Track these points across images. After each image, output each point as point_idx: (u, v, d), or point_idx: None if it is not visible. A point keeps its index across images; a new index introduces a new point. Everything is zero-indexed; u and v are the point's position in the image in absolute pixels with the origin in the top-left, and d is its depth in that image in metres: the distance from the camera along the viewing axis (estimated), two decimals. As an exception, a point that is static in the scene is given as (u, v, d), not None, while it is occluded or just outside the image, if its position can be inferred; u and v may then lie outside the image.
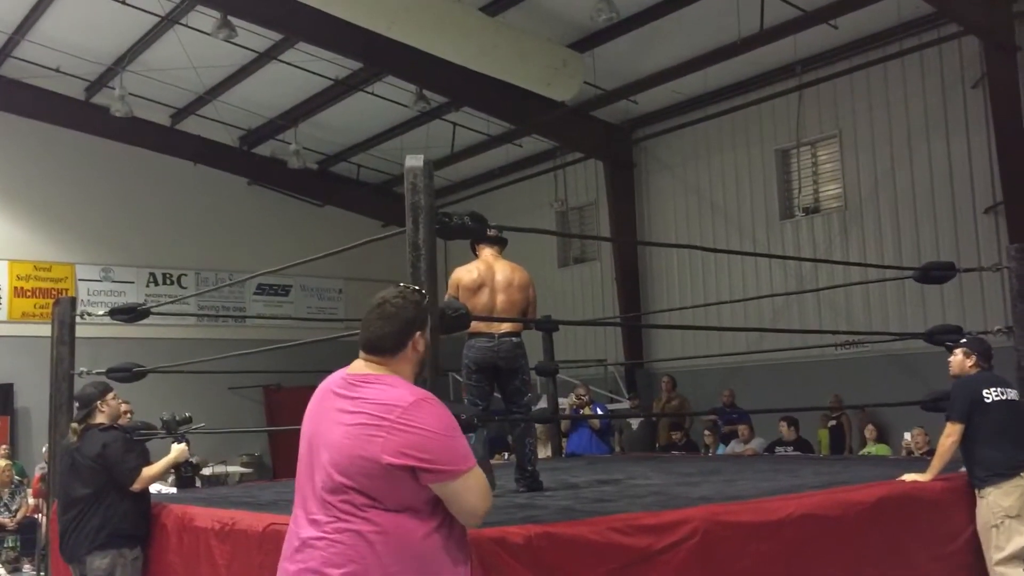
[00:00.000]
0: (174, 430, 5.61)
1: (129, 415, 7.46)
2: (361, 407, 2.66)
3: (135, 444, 5.26)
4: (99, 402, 5.18)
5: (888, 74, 12.56)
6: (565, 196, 16.75)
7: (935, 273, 6.27)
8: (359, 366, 2.80)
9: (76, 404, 5.22)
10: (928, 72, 12.22)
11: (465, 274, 5.37)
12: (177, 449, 5.49)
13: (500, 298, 5.35)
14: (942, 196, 12.14)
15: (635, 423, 13.00)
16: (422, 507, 2.65)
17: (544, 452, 9.13)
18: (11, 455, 13.45)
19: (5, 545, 11.11)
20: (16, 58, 14.68)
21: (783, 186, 14.08)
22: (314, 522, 2.66)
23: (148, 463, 5.15)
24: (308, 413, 2.83)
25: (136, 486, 4.99)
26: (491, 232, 5.32)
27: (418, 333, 2.80)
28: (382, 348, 2.77)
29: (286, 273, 17.69)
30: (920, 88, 12.31)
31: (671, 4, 12.04)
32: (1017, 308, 5.87)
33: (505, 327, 5.35)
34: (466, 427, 4.05)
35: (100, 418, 5.16)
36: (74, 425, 5.18)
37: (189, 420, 5.73)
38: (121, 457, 5.00)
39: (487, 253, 5.46)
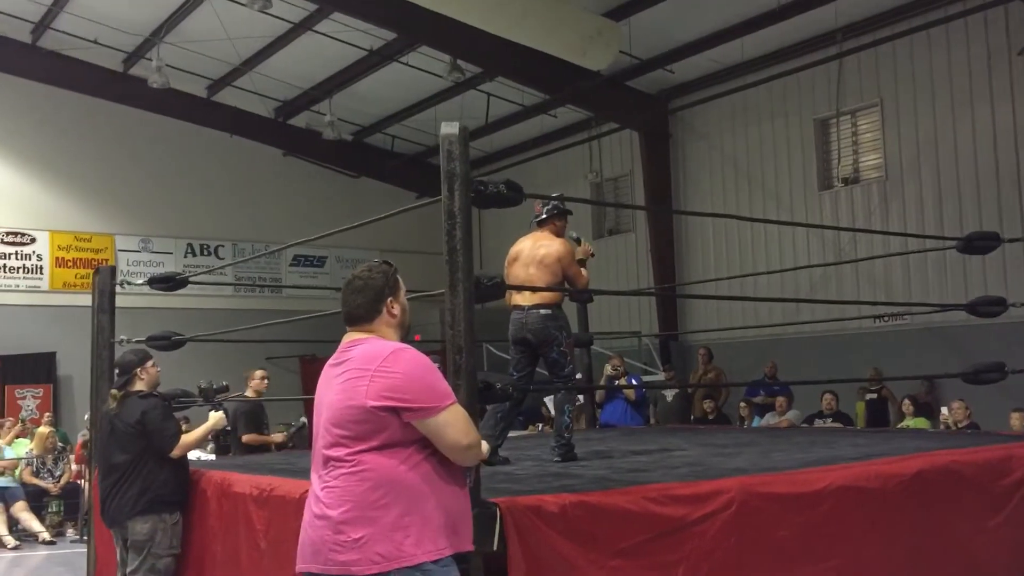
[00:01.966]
0: (211, 398, 5.67)
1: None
2: (348, 366, 2.96)
3: (172, 411, 5.32)
4: (139, 369, 5.23)
5: (932, 41, 12.27)
6: (600, 167, 16.63)
7: (978, 243, 6.14)
8: (347, 339, 3.09)
9: (116, 371, 5.28)
10: (973, 39, 11.92)
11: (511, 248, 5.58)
12: (215, 416, 5.55)
13: (528, 271, 5.45)
14: (986, 166, 11.88)
15: (670, 395, 12.95)
16: (409, 445, 2.88)
17: (578, 423, 9.13)
18: (54, 422, 13.72)
19: (49, 510, 11.36)
20: (55, 30, 14.82)
21: (822, 156, 13.86)
22: (320, 478, 2.94)
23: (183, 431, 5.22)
24: (317, 388, 3.11)
25: (175, 452, 5.05)
26: (538, 206, 5.55)
27: (390, 299, 3.10)
28: (359, 317, 3.08)
29: (321, 244, 17.81)
30: (964, 55, 12.02)
31: (709, -29, 11.86)
32: (1063, 279, 5.75)
33: (534, 299, 5.39)
34: (498, 396, 4.07)
35: (139, 385, 5.22)
36: (114, 391, 5.24)
37: (226, 388, 5.81)
38: (160, 424, 5.06)
39: (542, 230, 5.64)
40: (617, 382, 9.86)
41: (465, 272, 3.51)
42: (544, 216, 5.69)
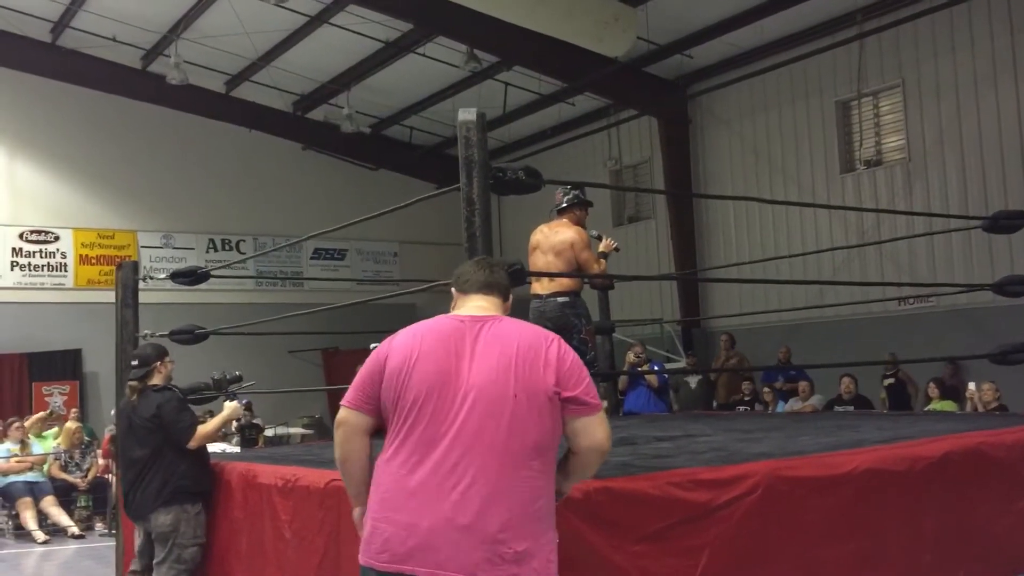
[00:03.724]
0: (224, 388, 5.72)
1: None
2: (507, 343, 2.75)
3: (187, 404, 5.36)
4: (158, 363, 5.28)
5: (954, 19, 12.11)
6: (619, 154, 16.56)
7: (1004, 222, 6.07)
8: (473, 308, 2.90)
9: (134, 363, 5.31)
10: (996, 16, 11.75)
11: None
12: (230, 406, 5.60)
13: (543, 260, 5.51)
14: (1011, 145, 11.72)
15: (693, 381, 12.91)
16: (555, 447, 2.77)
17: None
18: (81, 418, 13.86)
19: (78, 505, 11.48)
20: (74, 28, 14.92)
21: (843, 139, 13.74)
22: (459, 465, 2.65)
23: (201, 421, 5.25)
24: (427, 355, 2.77)
25: (192, 444, 5.08)
26: (559, 194, 5.63)
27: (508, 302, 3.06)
28: (499, 288, 2.97)
29: (342, 237, 17.86)
30: (987, 32, 11.85)
31: (726, -47, 11.76)
32: (1092, 257, 5.67)
33: (552, 287, 5.40)
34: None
35: (156, 379, 5.26)
36: (133, 383, 5.28)
37: (239, 379, 5.86)
38: (176, 416, 5.10)
39: (561, 218, 5.67)
40: (639, 369, 9.83)
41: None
42: (564, 205, 5.70)
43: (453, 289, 3.01)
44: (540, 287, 5.49)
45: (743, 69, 14.42)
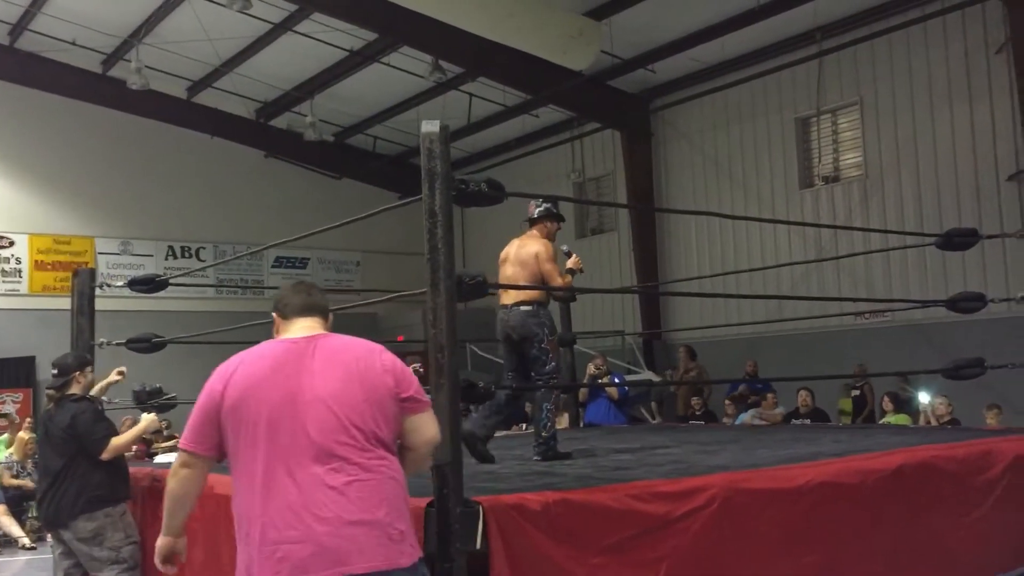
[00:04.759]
0: (145, 400, 5.77)
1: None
2: (343, 357, 2.91)
3: (104, 414, 5.41)
4: (78, 373, 5.30)
5: (910, 40, 12.36)
6: (582, 167, 16.66)
7: (957, 240, 6.18)
8: (304, 329, 3.02)
9: (54, 372, 5.30)
10: (951, 38, 12.01)
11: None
12: (147, 419, 5.64)
13: (511, 272, 5.58)
14: (964, 164, 11.97)
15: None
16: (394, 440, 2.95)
17: (562, 423, 9.13)
18: (35, 427, 13.58)
19: (29, 515, 11.25)
20: (33, 31, 14.71)
21: (803, 155, 13.94)
22: (331, 475, 2.75)
23: (116, 433, 5.28)
24: (267, 379, 2.86)
25: (105, 455, 5.10)
26: (531, 206, 5.68)
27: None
28: (324, 311, 3.13)
29: (304, 246, 17.75)
30: (943, 54, 12.11)
31: (689, -30, 11.90)
32: (1041, 275, 5.80)
33: (517, 297, 5.48)
34: (480, 396, 4.08)
35: (75, 389, 5.29)
36: (50, 392, 5.30)
37: (160, 391, 5.92)
38: (90, 427, 5.12)
39: (531, 230, 5.73)
40: (600, 381, 9.87)
41: (447, 270, 3.50)
42: (535, 216, 5.73)
43: (275, 315, 3.12)
44: (507, 298, 5.57)
45: (705, 84, 14.59)
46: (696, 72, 14.47)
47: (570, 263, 5.73)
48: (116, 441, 5.15)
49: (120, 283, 6.69)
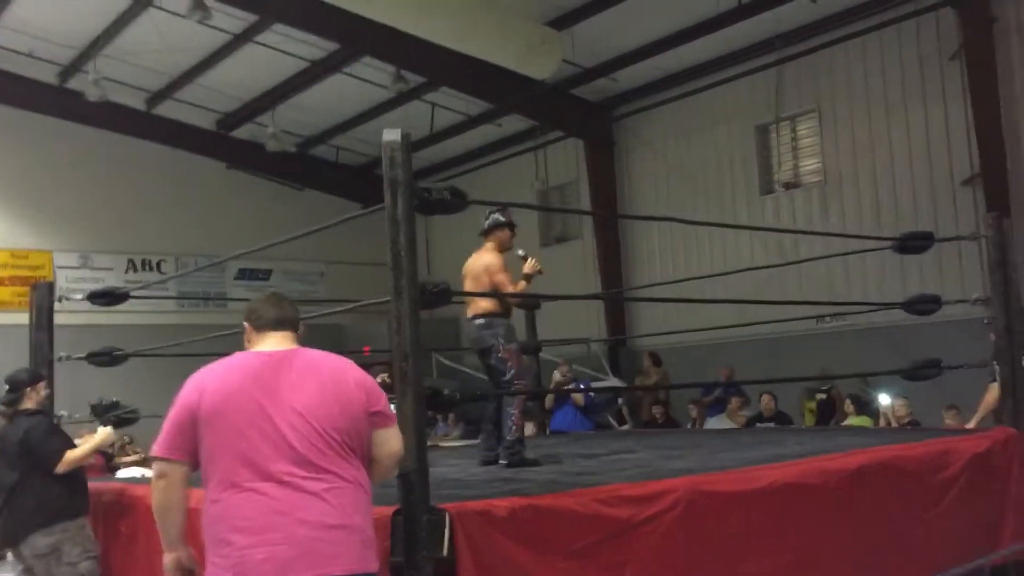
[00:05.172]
0: (101, 414, 5.75)
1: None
2: (317, 371, 3.04)
3: (58, 428, 5.42)
4: (29, 388, 5.30)
5: (866, 48, 12.58)
6: (546, 175, 16.71)
7: (913, 243, 6.30)
8: (277, 343, 3.13)
9: (7, 387, 5.30)
10: (906, 45, 12.24)
11: None
12: (103, 432, 5.62)
13: (469, 285, 5.69)
14: (921, 169, 12.19)
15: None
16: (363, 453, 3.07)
17: (529, 430, 9.15)
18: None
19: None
20: (-13, 43, 14.49)
21: (763, 161, 14.11)
22: (307, 483, 2.87)
23: (71, 446, 5.25)
24: (246, 390, 2.95)
25: (60, 469, 5.08)
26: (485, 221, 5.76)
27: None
28: (294, 324, 3.23)
29: (267, 257, 17.62)
30: (898, 61, 12.33)
31: (649, -20, 12.02)
32: (994, 277, 5.91)
33: (474, 310, 5.65)
34: (444, 403, 4.09)
35: (28, 403, 5.28)
36: (3, 408, 5.27)
37: (116, 405, 5.89)
38: (44, 441, 5.11)
39: (485, 242, 5.80)
40: (567, 388, 9.91)
41: (410, 278, 3.51)
42: (484, 228, 5.79)
43: (247, 325, 3.22)
44: (469, 310, 5.69)
45: (666, 93, 14.72)
46: (657, 80, 14.60)
47: (526, 268, 5.75)
48: (71, 455, 5.12)
49: (79, 296, 6.60)
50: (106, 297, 6.54)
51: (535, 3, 12.74)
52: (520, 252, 5.91)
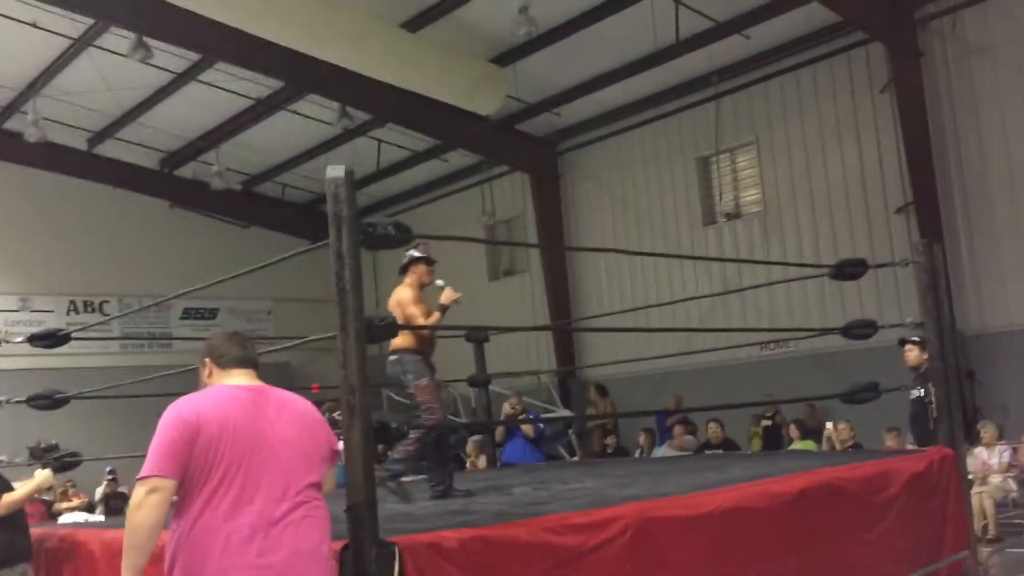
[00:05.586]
0: (40, 457, 5.69)
1: None
2: (291, 408, 3.22)
3: None
4: None
5: (800, 81, 12.96)
6: (493, 209, 16.84)
7: (848, 270, 6.47)
8: (247, 380, 3.25)
9: None
10: (838, 78, 12.63)
11: None
12: (41, 475, 5.55)
13: None
14: (856, 197, 12.54)
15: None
16: None
17: (480, 463, 9.17)
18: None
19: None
20: (-78, 84, 14.24)
21: (705, 192, 14.39)
22: (288, 513, 3.05)
23: (9, 489, 5.19)
24: (241, 420, 3.08)
25: None
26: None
27: None
28: (257, 364, 3.35)
29: (214, 296, 17.44)
30: (831, 94, 12.72)
31: (588, 17, 12.26)
32: (926, 302, 6.10)
33: (391, 346, 5.68)
34: (393, 436, 4.11)
35: None
36: None
37: (55, 447, 5.85)
38: None
39: (405, 278, 5.87)
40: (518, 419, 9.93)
41: (355, 312, 3.54)
42: (402, 265, 5.89)
43: (208, 361, 3.31)
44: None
45: (609, 127, 14.98)
46: (600, 115, 14.85)
47: (443, 298, 5.79)
48: (8, 498, 5.07)
49: (20, 339, 6.49)
50: (47, 339, 6.42)
51: (479, 40, 12.91)
52: (439, 282, 5.93)
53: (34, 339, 6.40)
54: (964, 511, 5.73)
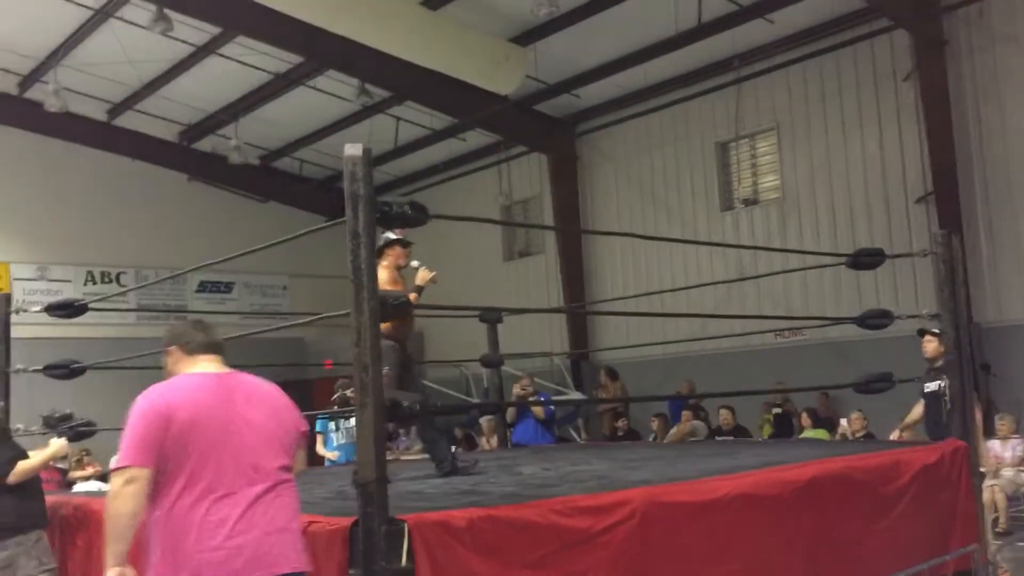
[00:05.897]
0: (54, 425, 5.74)
1: None
2: (259, 392, 3.35)
3: (10, 439, 5.39)
4: None
5: (823, 68, 12.83)
6: (510, 190, 16.81)
7: (865, 259, 6.44)
8: (213, 366, 3.36)
9: None
10: (861, 66, 12.51)
11: None
12: (56, 443, 5.61)
13: None
14: (875, 186, 12.45)
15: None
16: None
17: (490, 443, 9.20)
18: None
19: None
20: (-56, 52, 14.31)
21: (723, 178, 14.31)
22: (264, 492, 3.18)
23: (23, 456, 5.23)
24: (211, 406, 3.20)
25: (11, 479, 5.07)
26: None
27: None
28: (223, 349, 3.46)
29: (229, 270, 17.51)
30: (853, 81, 12.60)
31: (611, -1, 12.17)
32: (943, 293, 6.06)
33: None
34: (405, 414, 4.14)
35: None
36: None
37: (70, 416, 5.89)
38: None
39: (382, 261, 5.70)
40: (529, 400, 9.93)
41: (370, 291, 3.55)
42: (378, 247, 5.76)
43: (175, 348, 3.41)
44: None
45: (628, 109, 14.90)
46: (619, 97, 14.77)
47: (418, 279, 5.75)
48: (23, 465, 5.12)
49: (37, 308, 6.54)
50: (64, 309, 6.47)
51: (499, 19, 12.85)
52: (414, 263, 5.88)
53: (51, 308, 6.46)
54: (975, 504, 5.72)
